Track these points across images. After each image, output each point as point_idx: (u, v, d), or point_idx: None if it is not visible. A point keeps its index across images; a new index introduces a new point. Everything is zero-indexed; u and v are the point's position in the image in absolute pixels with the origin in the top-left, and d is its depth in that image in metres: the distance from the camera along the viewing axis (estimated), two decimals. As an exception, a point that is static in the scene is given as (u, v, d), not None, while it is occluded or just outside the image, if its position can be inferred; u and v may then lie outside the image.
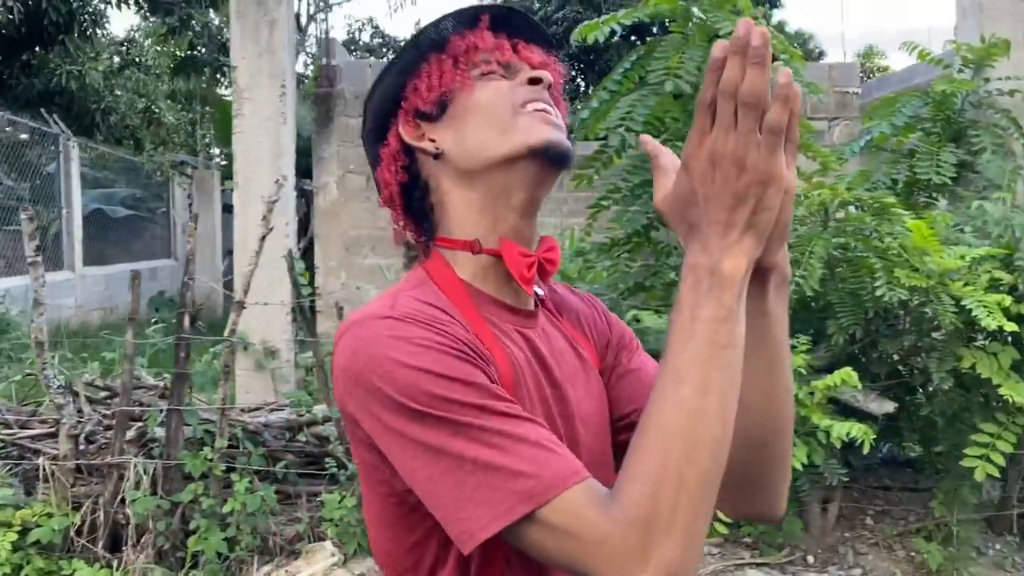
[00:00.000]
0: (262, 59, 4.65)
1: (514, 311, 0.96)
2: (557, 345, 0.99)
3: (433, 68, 0.97)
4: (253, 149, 4.65)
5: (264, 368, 4.67)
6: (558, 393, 0.95)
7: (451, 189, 0.96)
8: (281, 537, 3.67)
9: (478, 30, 0.98)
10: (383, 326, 0.82)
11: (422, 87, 0.97)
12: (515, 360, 0.91)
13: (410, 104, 0.98)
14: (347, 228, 7.46)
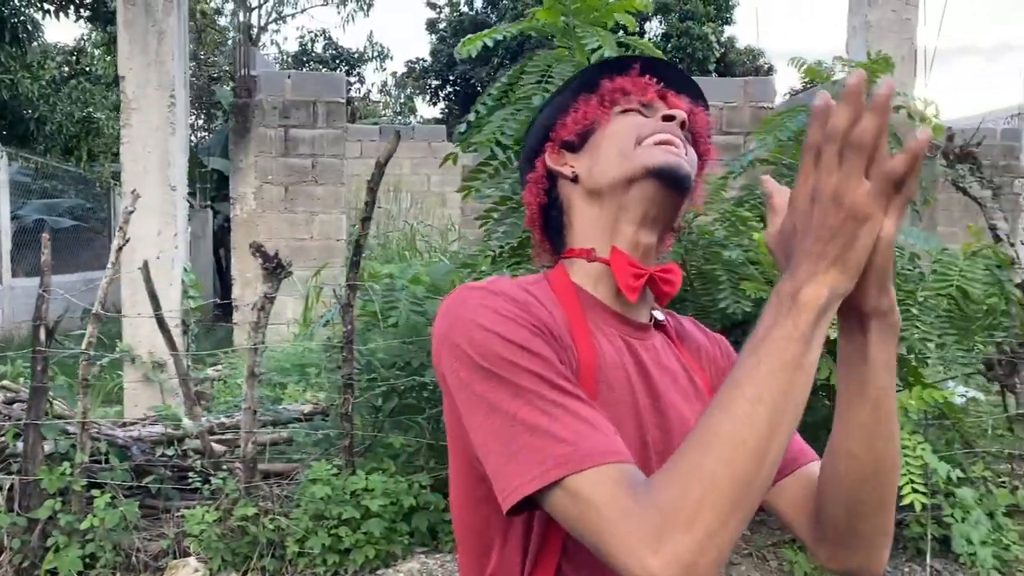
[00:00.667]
0: (150, 69, 4.61)
1: (622, 319, 1.02)
2: (666, 362, 1.04)
3: (581, 105, 1.08)
4: (141, 160, 4.60)
5: (153, 381, 4.60)
6: (657, 404, 0.98)
7: (580, 207, 1.06)
8: (145, 553, 3.61)
9: (628, 74, 1.08)
10: (475, 295, 0.91)
11: (569, 121, 1.08)
12: (604, 355, 0.95)
13: (557, 136, 1.10)
14: (265, 239, 7.41)
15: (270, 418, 4.23)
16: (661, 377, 1.01)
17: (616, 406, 0.94)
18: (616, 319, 1.01)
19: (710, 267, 3.17)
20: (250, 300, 7.38)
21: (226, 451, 3.87)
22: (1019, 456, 3.96)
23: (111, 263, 3.30)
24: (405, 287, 3.43)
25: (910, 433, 3.31)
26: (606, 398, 0.93)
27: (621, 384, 0.96)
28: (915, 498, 3.16)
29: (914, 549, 3.87)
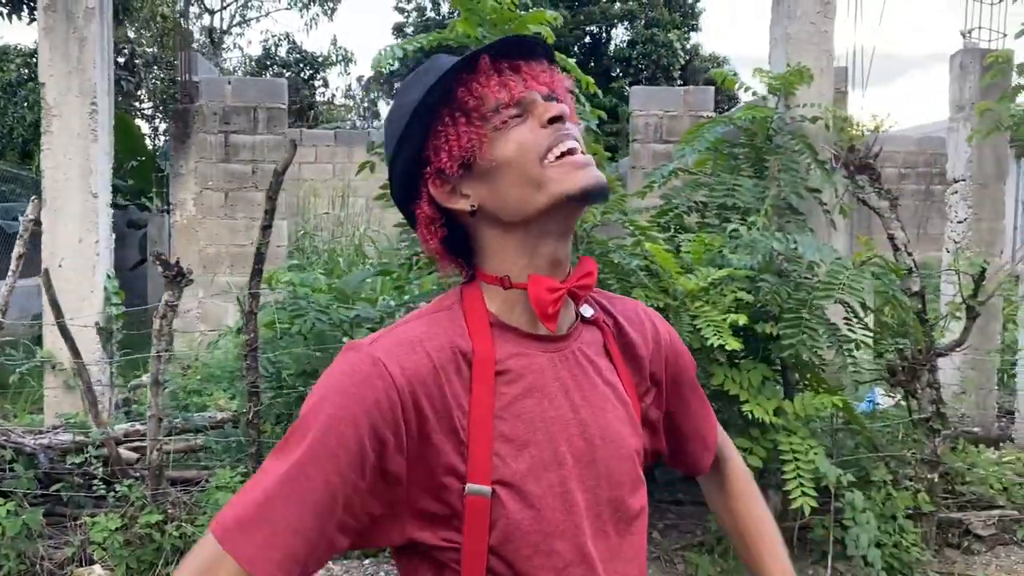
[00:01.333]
0: (72, 76, 4.60)
1: (539, 339, 1.00)
2: (588, 367, 1.02)
3: (449, 129, 0.97)
4: (62, 167, 4.59)
5: (74, 388, 4.58)
6: (578, 415, 0.99)
7: (490, 237, 1.00)
8: (51, 561, 3.61)
9: (480, 74, 0.97)
10: (355, 369, 0.91)
11: (443, 152, 0.97)
12: (510, 392, 0.96)
13: (434, 167, 0.99)
14: (204, 245, 7.40)
15: (189, 426, 4.24)
16: (580, 387, 1.01)
17: (526, 434, 0.95)
18: (533, 340, 0.99)
19: (603, 275, 3.23)
20: (190, 307, 7.36)
21: (139, 458, 3.87)
22: (921, 460, 4.06)
23: (12, 271, 3.30)
24: (308, 295, 3.45)
25: (803, 438, 3.39)
26: (509, 434, 0.94)
27: (535, 411, 0.96)
28: (804, 501, 3.24)
29: (819, 552, 3.96)
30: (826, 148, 4.74)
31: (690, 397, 1.17)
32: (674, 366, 1.14)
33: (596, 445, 0.99)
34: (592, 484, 0.98)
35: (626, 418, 1.04)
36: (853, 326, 3.73)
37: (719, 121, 4.73)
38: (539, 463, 0.94)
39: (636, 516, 1.03)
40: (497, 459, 0.92)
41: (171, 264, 3.25)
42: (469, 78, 0.97)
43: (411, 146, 0.99)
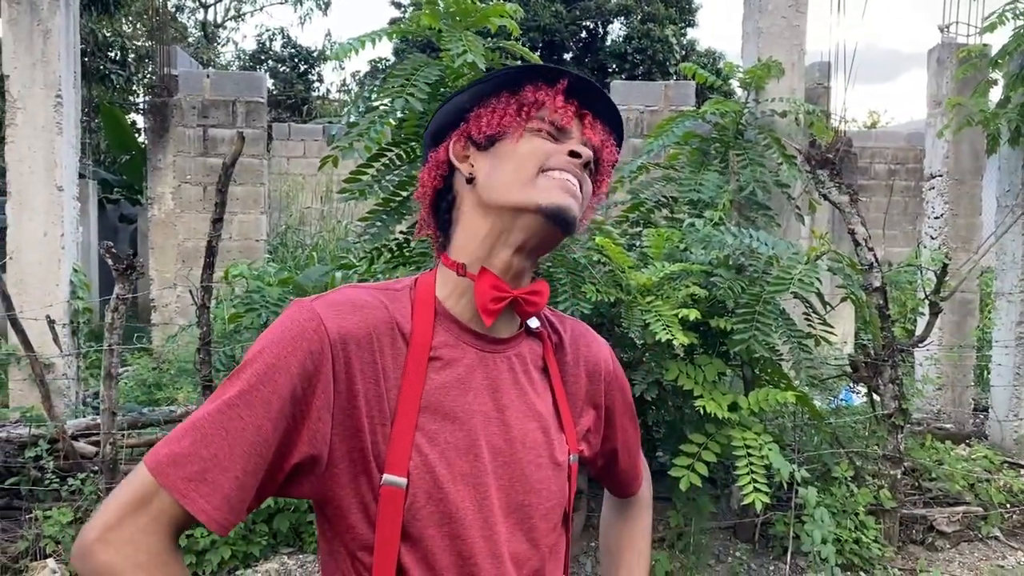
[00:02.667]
0: (36, 69, 4.58)
1: (477, 336, 1.04)
2: (518, 376, 1.06)
3: (499, 106, 1.06)
4: (27, 160, 4.58)
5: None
6: (502, 416, 1.02)
7: (469, 212, 1.07)
8: (4, 555, 3.60)
9: (554, 90, 1.06)
10: (294, 318, 0.96)
11: (483, 119, 1.06)
12: (439, 379, 1.00)
13: (467, 128, 1.08)
14: (183, 239, 7.38)
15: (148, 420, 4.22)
16: (510, 391, 1.04)
17: (445, 422, 0.98)
18: (471, 335, 1.03)
19: (553, 269, 3.20)
20: (168, 300, 7.35)
21: (97, 452, 3.86)
22: (884, 456, 4.04)
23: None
24: (260, 289, 3.43)
25: (757, 433, 3.37)
26: (431, 417, 0.98)
27: (473, 401, 1.01)
28: (756, 497, 3.22)
29: (780, 548, 3.94)
30: (792, 143, 4.72)
31: (628, 427, 1.24)
32: (615, 396, 1.20)
33: (516, 448, 1.02)
34: (506, 484, 1.01)
35: (552, 429, 1.07)
36: (812, 321, 3.70)
37: (688, 115, 4.70)
38: (454, 450, 0.98)
39: (552, 526, 1.06)
40: (415, 449, 0.96)
41: (120, 257, 3.24)
42: (543, 85, 1.06)
43: (466, 101, 1.09)
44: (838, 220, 7.55)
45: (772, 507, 3.98)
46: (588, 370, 1.15)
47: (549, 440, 1.06)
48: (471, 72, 3.95)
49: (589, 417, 1.15)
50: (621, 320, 3.19)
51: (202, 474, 0.87)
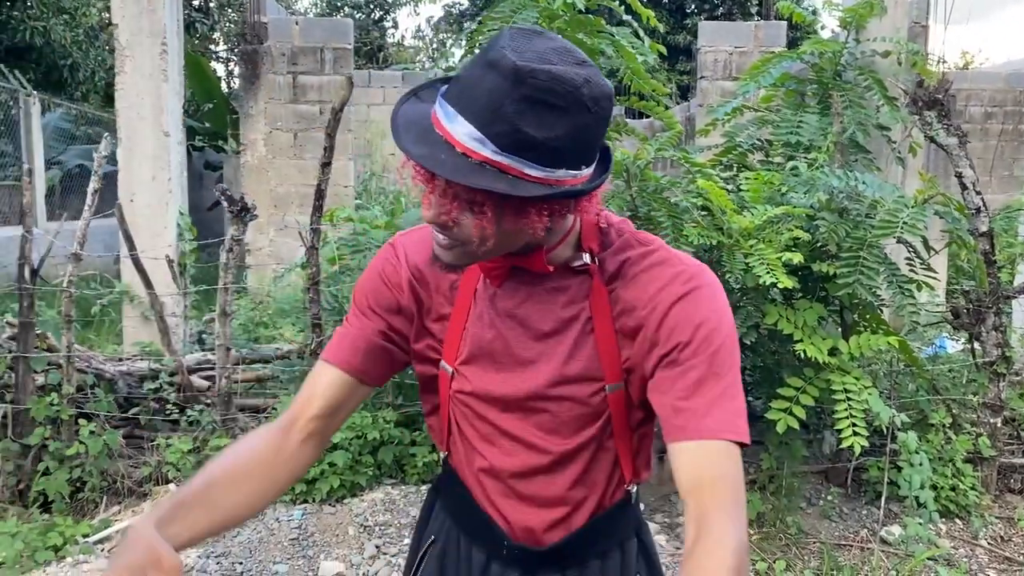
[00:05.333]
0: (142, 17, 4.73)
1: (517, 269, 1.18)
2: (555, 305, 1.17)
3: None
4: (135, 106, 4.76)
5: (151, 320, 4.81)
6: (528, 334, 1.18)
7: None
8: (130, 479, 3.85)
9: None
10: (382, 249, 1.31)
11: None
12: (486, 297, 1.20)
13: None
14: (275, 185, 7.57)
15: (257, 357, 4.42)
16: (543, 314, 1.17)
17: (483, 329, 1.19)
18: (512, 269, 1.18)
19: (655, 212, 3.22)
20: (262, 244, 7.59)
21: (210, 386, 4.07)
22: (983, 404, 3.99)
23: (88, 206, 3.47)
24: (367, 231, 3.54)
25: (857, 378, 3.36)
26: (475, 325, 1.20)
27: (495, 318, 1.19)
28: (855, 441, 3.23)
29: (873, 492, 3.95)
30: (896, 84, 4.58)
31: (677, 371, 1.09)
32: (669, 338, 1.10)
33: (538, 362, 1.17)
34: (527, 388, 1.18)
35: (583, 352, 1.16)
36: (915, 266, 3.65)
37: (785, 56, 4.59)
38: (488, 351, 1.19)
39: (568, 437, 1.19)
40: (461, 345, 1.21)
41: (235, 199, 3.37)
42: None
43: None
44: (934, 164, 7.31)
45: (865, 452, 3.98)
46: (644, 297, 1.12)
47: (573, 359, 1.16)
48: (567, 13, 3.94)
49: (638, 346, 1.14)
50: (722, 263, 3.19)
51: (338, 343, 1.26)
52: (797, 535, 3.66)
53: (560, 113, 0.95)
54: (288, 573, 3.26)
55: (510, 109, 0.93)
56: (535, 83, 0.93)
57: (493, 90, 0.94)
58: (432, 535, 1.34)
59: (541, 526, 1.22)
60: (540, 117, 0.94)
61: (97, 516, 3.73)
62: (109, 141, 3.72)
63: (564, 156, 0.98)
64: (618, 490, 1.24)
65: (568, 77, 0.95)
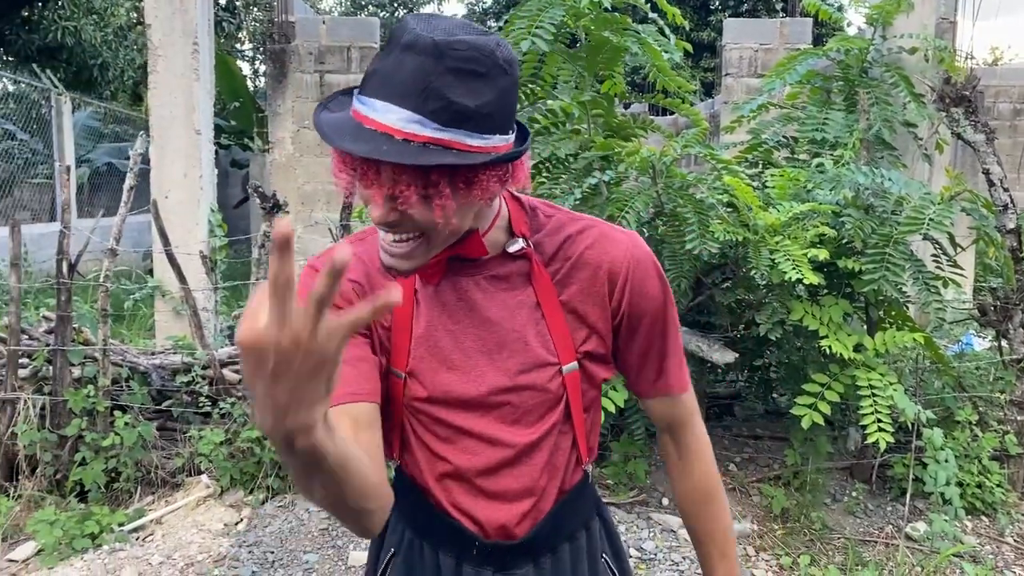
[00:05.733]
0: (175, 17, 4.82)
1: (451, 263, 1.17)
2: (498, 292, 1.18)
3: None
4: (168, 105, 4.85)
5: (181, 314, 4.90)
6: (478, 326, 1.17)
7: None
8: (163, 470, 3.93)
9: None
10: (304, 278, 1.14)
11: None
12: (417, 303, 1.19)
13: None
14: (302, 183, 7.66)
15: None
16: (488, 304, 1.17)
17: (431, 330, 1.17)
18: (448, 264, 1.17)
19: (680, 208, 3.25)
20: (289, 241, 7.66)
21: (240, 380, 4.14)
22: (1010, 402, 3.98)
23: (124, 202, 3.55)
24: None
25: (882, 374, 3.37)
26: (420, 327, 1.18)
27: (440, 315, 1.18)
28: (880, 436, 3.24)
29: (898, 489, 3.95)
30: (924, 81, 4.56)
31: (642, 334, 1.22)
32: (630, 304, 1.19)
33: (492, 353, 1.17)
34: (488, 382, 1.17)
35: (533, 336, 1.18)
36: (941, 263, 3.65)
37: (811, 53, 4.59)
38: (438, 352, 1.17)
39: (534, 424, 1.19)
40: (409, 352, 1.17)
41: (267, 196, 3.44)
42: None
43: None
44: (961, 161, 7.27)
45: (891, 449, 3.99)
46: (591, 272, 1.18)
47: (527, 345, 1.17)
48: (593, 11, 3.97)
49: (595, 319, 1.19)
50: (747, 259, 3.22)
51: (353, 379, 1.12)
52: (821, 531, 3.67)
53: (485, 80, 0.97)
54: (318, 563, 3.32)
55: (438, 83, 0.94)
56: (457, 54, 0.95)
57: (417, 70, 0.94)
58: (391, 548, 1.29)
59: (513, 520, 1.20)
60: (468, 86, 0.96)
61: (131, 505, 3.82)
62: (144, 139, 3.80)
63: (495, 121, 1.00)
64: (576, 471, 1.26)
65: (482, 43, 0.97)
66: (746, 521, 3.75)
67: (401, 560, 1.27)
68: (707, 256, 3.15)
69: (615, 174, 3.41)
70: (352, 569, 3.29)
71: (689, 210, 3.18)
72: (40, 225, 10.36)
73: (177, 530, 3.61)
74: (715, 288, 3.58)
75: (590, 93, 3.82)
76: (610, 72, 3.99)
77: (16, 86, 12.10)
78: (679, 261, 3.35)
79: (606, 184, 3.48)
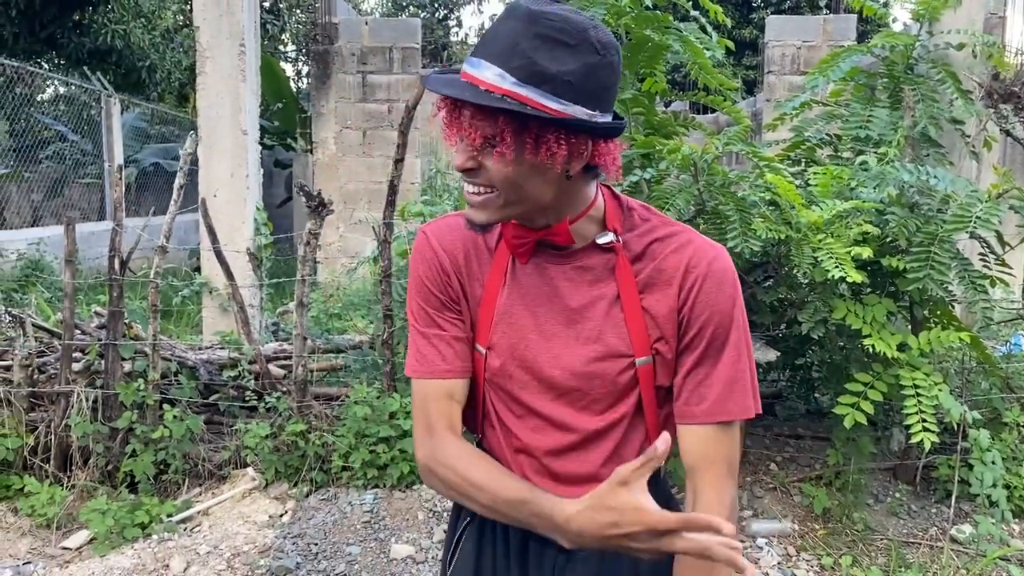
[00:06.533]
0: (222, 20, 4.92)
1: (544, 250, 1.25)
2: (582, 284, 1.23)
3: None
4: (215, 106, 4.95)
5: (228, 311, 5.01)
6: (557, 313, 1.23)
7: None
8: (210, 463, 4.02)
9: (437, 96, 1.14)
10: (417, 241, 1.32)
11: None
12: (516, 277, 1.25)
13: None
14: (344, 182, 7.75)
15: (331, 347, 4.57)
16: (572, 293, 1.23)
17: (515, 311, 1.25)
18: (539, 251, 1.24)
19: (722, 206, 3.24)
20: (332, 239, 7.78)
21: (286, 374, 4.22)
22: (1060, 403, 3.90)
23: (174, 201, 3.64)
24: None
25: (927, 374, 3.33)
26: (505, 308, 1.25)
27: (526, 299, 1.24)
28: (925, 436, 3.20)
29: (943, 491, 3.90)
30: (971, 77, 4.49)
31: (698, 348, 1.21)
32: (692, 310, 1.20)
33: (569, 339, 1.22)
34: (560, 366, 1.23)
35: (609, 327, 1.22)
36: (988, 262, 3.59)
37: (855, 50, 4.54)
38: (519, 332, 1.24)
39: (600, 413, 1.24)
40: (492, 329, 1.25)
41: (313, 195, 3.50)
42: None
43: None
44: (1011, 158, 7.13)
45: (935, 450, 3.93)
46: (668, 276, 1.21)
47: (603, 335, 1.21)
48: (634, 9, 3.98)
49: (665, 322, 1.21)
50: (790, 258, 3.20)
51: (428, 356, 1.26)
52: (864, 532, 3.64)
53: (571, 50, 1.05)
54: (361, 555, 3.37)
55: (525, 45, 1.04)
56: (547, 22, 1.04)
57: (510, 32, 1.05)
58: (468, 515, 1.36)
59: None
60: (552, 52, 1.04)
61: (180, 497, 3.91)
62: (194, 139, 3.89)
63: (577, 92, 1.06)
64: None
65: (577, 19, 1.06)
66: (787, 521, 3.73)
67: (477, 526, 1.36)
68: (749, 254, 3.14)
69: (656, 172, 3.41)
70: (394, 562, 3.34)
71: (731, 208, 3.18)
72: (89, 224, 10.62)
73: (223, 521, 3.69)
74: (757, 286, 3.57)
75: (631, 91, 3.83)
76: (651, 70, 3.99)
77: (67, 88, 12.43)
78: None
79: (647, 182, 3.48)
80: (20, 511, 3.77)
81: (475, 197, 1.15)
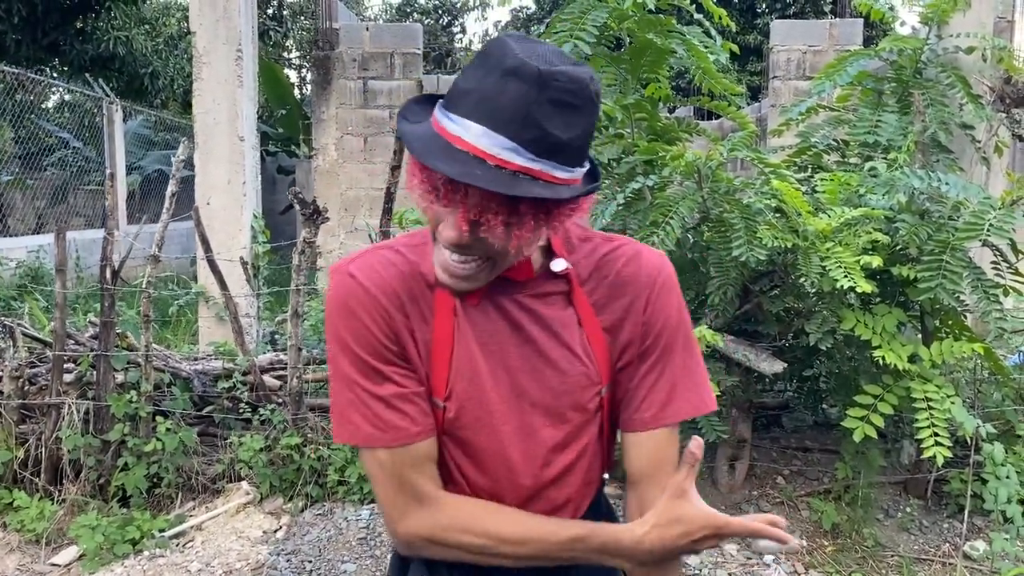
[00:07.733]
0: (219, 25, 4.85)
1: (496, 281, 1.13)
2: (540, 312, 1.15)
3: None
4: (212, 111, 4.88)
5: (224, 320, 4.93)
6: (521, 346, 1.15)
7: None
8: (204, 476, 3.93)
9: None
10: (341, 286, 1.11)
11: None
12: (464, 328, 1.13)
13: None
14: (345, 188, 7.69)
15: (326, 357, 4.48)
16: (529, 325, 1.14)
17: (471, 353, 1.13)
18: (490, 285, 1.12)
19: (727, 214, 3.15)
20: (332, 247, 7.71)
21: (281, 386, 4.13)
22: (1075, 415, 3.80)
23: (166, 209, 3.57)
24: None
25: (939, 386, 3.23)
26: (460, 366, 1.12)
27: (480, 336, 1.13)
28: (937, 451, 3.11)
29: (955, 506, 3.80)
30: (982, 81, 4.40)
31: (642, 365, 1.19)
32: (648, 328, 1.18)
33: (537, 372, 1.14)
34: (527, 401, 1.15)
35: (570, 357, 1.15)
36: (1002, 271, 3.49)
37: (862, 54, 4.46)
38: (477, 376, 1.12)
39: (573, 431, 1.17)
40: (452, 378, 1.12)
41: (308, 202, 3.42)
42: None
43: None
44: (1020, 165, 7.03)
45: (947, 464, 3.83)
46: (624, 288, 1.17)
47: (571, 365, 1.15)
48: (637, 13, 3.90)
49: (628, 335, 1.18)
50: (797, 266, 3.11)
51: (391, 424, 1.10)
52: (874, 548, 3.54)
53: (580, 113, 0.97)
54: (356, 572, 3.28)
55: (538, 113, 0.94)
56: (558, 85, 0.94)
57: (519, 97, 0.93)
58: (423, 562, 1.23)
59: None
60: (564, 118, 0.95)
61: (173, 511, 3.83)
62: (187, 145, 3.82)
63: (581, 154, 1.01)
64: (599, 482, 1.27)
65: (580, 76, 0.96)
66: (795, 536, 3.63)
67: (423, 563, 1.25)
68: (755, 263, 3.05)
69: (659, 179, 3.33)
70: (390, 580, 3.25)
71: (736, 215, 3.09)
72: (92, 231, 10.59)
73: (217, 537, 3.60)
74: (763, 296, 3.47)
75: (634, 96, 3.75)
76: (654, 75, 3.91)
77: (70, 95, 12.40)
78: (725, 268, 3.25)
79: (650, 189, 3.40)
80: (8, 526, 3.70)
81: (464, 268, 1.05)
